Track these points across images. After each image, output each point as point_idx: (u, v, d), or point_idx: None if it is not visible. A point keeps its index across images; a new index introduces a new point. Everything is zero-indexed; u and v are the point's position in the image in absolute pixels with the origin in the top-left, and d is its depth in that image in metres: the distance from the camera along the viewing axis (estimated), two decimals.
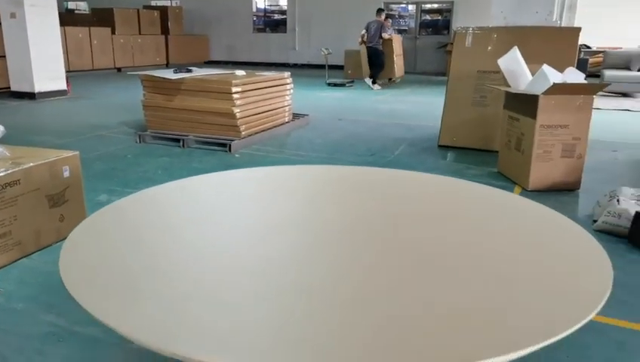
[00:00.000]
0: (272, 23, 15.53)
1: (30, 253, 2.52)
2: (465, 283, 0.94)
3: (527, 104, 3.60)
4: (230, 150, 4.64)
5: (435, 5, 13.90)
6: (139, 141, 5.01)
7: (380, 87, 9.95)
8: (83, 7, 13.62)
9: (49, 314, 2.01)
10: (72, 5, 13.35)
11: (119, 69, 12.84)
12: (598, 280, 0.94)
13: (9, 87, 7.97)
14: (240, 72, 5.34)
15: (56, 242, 2.65)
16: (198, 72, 5.22)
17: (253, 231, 1.17)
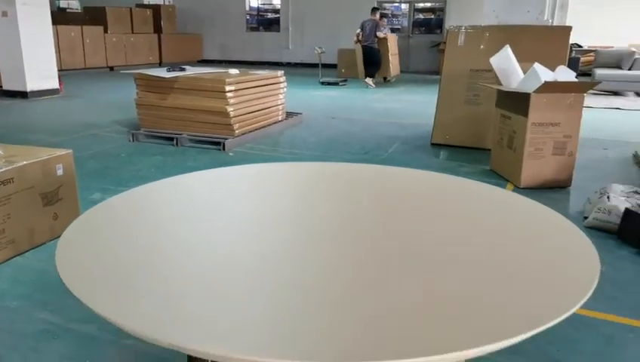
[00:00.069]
0: (266, 21, 15.52)
1: (24, 252, 2.52)
2: (455, 276, 0.95)
3: (518, 102, 3.63)
4: (224, 148, 4.65)
5: (428, 4, 13.94)
6: (132, 140, 5.01)
7: (374, 85, 9.97)
8: (75, 5, 13.55)
9: (43, 311, 2.02)
10: (64, 4, 13.27)
11: (112, 67, 12.79)
12: (585, 273, 0.96)
13: (1, 86, 7.93)
14: (233, 71, 5.35)
15: (50, 240, 2.65)
16: (191, 71, 5.22)
17: (246, 228, 1.19)
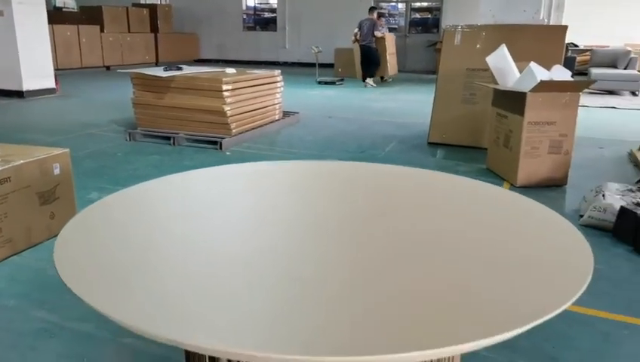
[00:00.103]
0: (262, 21, 15.51)
1: (21, 251, 2.52)
2: (451, 272, 0.96)
3: (515, 101, 3.64)
4: (221, 148, 4.65)
5: (425, 4, 13.96)
6: (129, 139, 5.01)
7: (375, 85, 10.00)
8: (71, 4, 13.51)
9: (41, 310, 2.02)
10: (60, 3, 13.23)
11: (108, 67, 12.77)
12: (579, 269, 0.97)
13: None
14: (230, 70, 5.35)
15: (47, 239, 2.65)
16: (188, 70, 5.22)
17: (243, 225, 1.19)
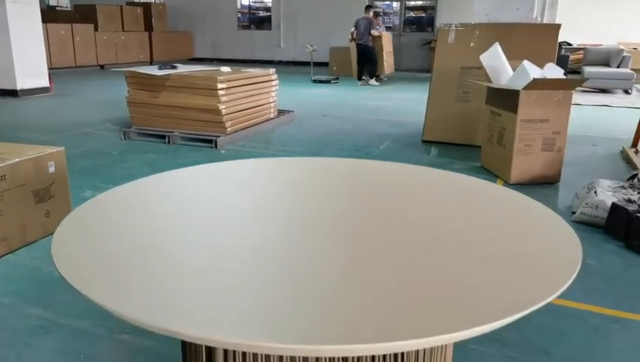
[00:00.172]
0: (257, 19, 15.50)
1: (16, 249, 2.52)
2: (444, 264, 0.98)
3: (508, 99, 3.67)
4: (216, 146, 4.66)
5: (419, 2, 13.99)
6: (124, 138, 5.00)
7: (378, 83, 10.10)
8: (65, 3, 13.46)
9: (36, 307, 2.03)
10: (53, 2, 13.19)
11: (102, 66, 12.73)
12: (568, 261, 0.99)
13: None
14: (225, 69, 5.35)
15: (43, 238, 2.65)
16: (183, 69, 5.22)
17: (238, 221, 1.21)
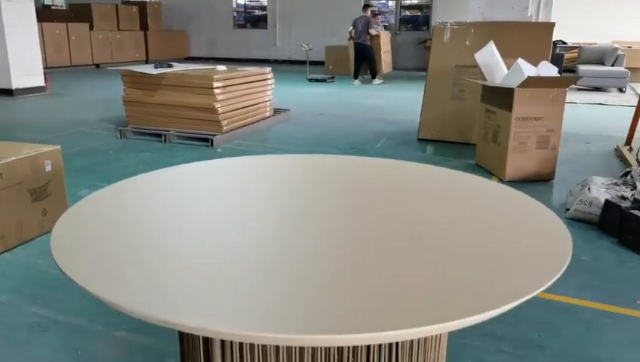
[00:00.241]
0: (253, 18, 15.49)
1: (13, 247, 2.53)
2: (437, 257, 1.01)
3: (503, 97, 3.69)
4: (212, 145, 4.66)
5: (415, 1, 14.01)
6: (120, 136, 5.00)
7: (382, 80, 10.22)
8: (60, 2, 13.41)
9: (34, 305, 2.03)
10: (48, 1, 13.14)
11: (98, 65, 12.70)
12: (558, 254, 1.01)
13: None
14: (221, 68, 5.35)
15: (39, 236, 2.66)
16: (178, 68, 5.22)
17: (234, 216, 1.22)
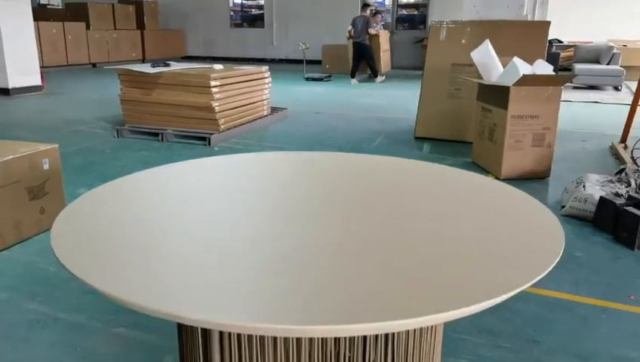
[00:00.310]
0: (250, 17, 15.48)
1: (10, 246, 2.53)
2: (432, 250, 1.02)
3: (498, 95, 3.71)
4: (209, 143, 4.67)
5: (412, 0, 14.02)
6: (117, 135, 5.01)
7: (384, 77, 10.35)
8: (56, 1, 13.38)
9: (32, 302, 2.04)
10: (44, 0, 13.10)
11: (94, 64, 12.68)
12: (551, 248, 1.03)
13: None
14: (218, 66, 5.36)
15: (37, 234, 2.66)
16: (175, 67, 5.23)
17: (231, 211, 1.23)
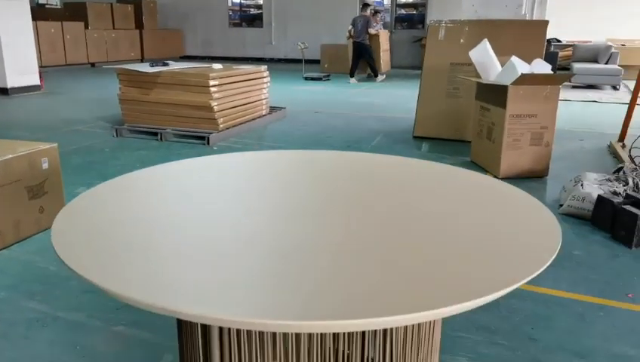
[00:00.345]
0: (248, 17, 15.48)
1: (10, 245, 2.54)
2: (430, 247, 1.03)
3: (497, 94, 3.72)
4: (208, 143, 4.68)
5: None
6: (116, 135, 5.01)
7: (384, 76, 10.43)
8: (54, 1, 13.37)
9: (32, 301, 2.05)
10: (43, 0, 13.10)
11: (93, 64, 12.68)
12: (548, 246, 1.04)
13: None
14: (217, 66, 5.36)
15: (36, 233, 2.67)
16: (174, 66, 5.23)
17: (232, 209, 1.24)
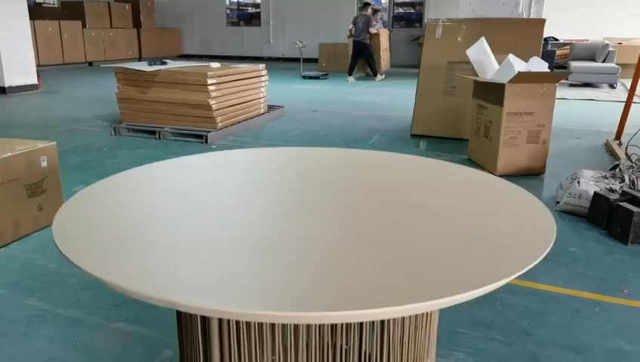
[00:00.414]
0: (246, 16, 15.47)
1: (9, 243, 2.54)
2: (427, 241, 1.04)
3: (494, 92, 3.74)
4: (207, 141, 4.69)
5: None
6: (114, 134, 5.01)
7: (383, 76, 10.47)
8: (52, 0, 13.34)
9: (31, 298, 2.06)
10: None
11: (90, 63, 12.66)
12: (541, 240, 1.06)
13: None
14: (215, 64, 5.37)
15: (35, 231, 2.68)
16: (172, 65, 5.23)
17: (231, 205, 1.25)
